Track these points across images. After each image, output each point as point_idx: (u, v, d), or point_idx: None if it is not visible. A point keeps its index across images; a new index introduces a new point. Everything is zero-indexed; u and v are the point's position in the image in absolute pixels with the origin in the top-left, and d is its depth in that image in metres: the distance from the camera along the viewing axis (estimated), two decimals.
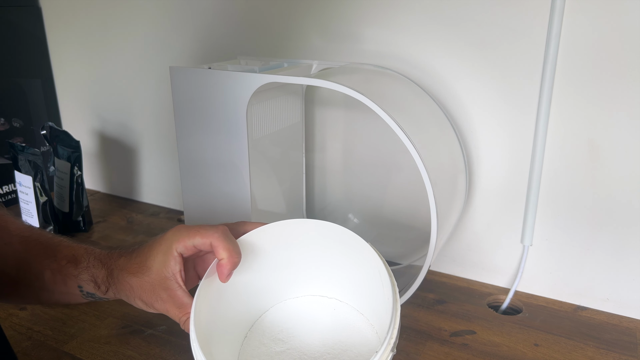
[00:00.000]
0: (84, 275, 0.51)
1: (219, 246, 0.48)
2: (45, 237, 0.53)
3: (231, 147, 0.68)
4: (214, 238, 0.48)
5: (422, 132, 0.69)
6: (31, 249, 0.51)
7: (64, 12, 1.09)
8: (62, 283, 0.51)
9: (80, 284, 0.51)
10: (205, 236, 0.48)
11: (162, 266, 0.49)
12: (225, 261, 0.48)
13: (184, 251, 0.49)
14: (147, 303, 0.50)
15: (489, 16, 0.70)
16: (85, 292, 0.51)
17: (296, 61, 0.79)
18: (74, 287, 0.51)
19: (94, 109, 1.13)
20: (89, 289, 0.51)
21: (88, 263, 0.51)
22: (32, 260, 0.50)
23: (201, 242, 0.48)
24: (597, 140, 0.68)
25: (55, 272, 0.51)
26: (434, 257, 0.65)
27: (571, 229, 0.73)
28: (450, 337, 0.68)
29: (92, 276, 0.51)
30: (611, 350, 0.65)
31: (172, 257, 0.49)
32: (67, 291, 0.51)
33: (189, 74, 0.69)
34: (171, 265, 0.49)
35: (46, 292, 0.51)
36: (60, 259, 0.51)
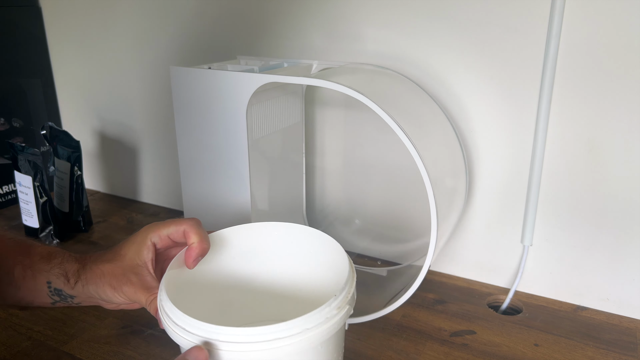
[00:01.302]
0: (55, 270, 0.51)
1: (191, 231, 0.51)
2: (20, 238, 0.54)
3: (231, 147, 0.68)
4: (187, 225, 0.51)
5: (422, 132, 0.69)
6: (4, 246, 0.51)
7: (63, 12, 1.09)
8: (31, 278, 0.51)
9: (49, 280, 0.51)
10: (179, 224, 0.52)
11: (136, 254, 0.51)
12: (195, 245, 0.51)
13: (158, 241, 0.52)
14: (116, 288, 0.50)
15: (489, 16, 0.70)
16: (52, 288, 0.51)
17: (296, 61, 0.79)
18: (42, 283, 0.51)
19: (94, 108, 1.13)
20: (58, 285, 0.51)
21: (62, 259, 0.52)
22: (5, 256, 0.50)
23: (175, 230, 0.52)
24: (597, 140, 0.68)
25: (26, 268, 0.51)
26: (434, 257, 0.65)
27: (571, 229, 0.73)
28: (450, 337, 0.68)
29: (64, 270, 0.51)
30: (611, 350, 0.65)
31: (145, 246, 0.52)
32: (34, 287, 0.51)
33: (189, 74, 0.69)
34: (144, 253, 0.51)
35: (13, 287, 0.51)
36: (34, 255, 0.51)
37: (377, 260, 0.88)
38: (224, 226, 0.74)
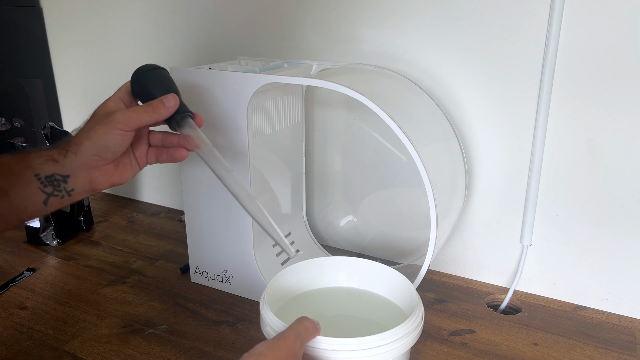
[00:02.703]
0: (37, 160, 0.50)
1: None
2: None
3: (231, 147, 0.69)
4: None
5: (421, 132, 0.69)
6: None
7: (64, 12, 1.09)
8: (18, 179, 0.49)
9: (37, 172, 0.50)
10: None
11: (105, 105, 0.56)
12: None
13: (123, 96, 0.57)
14: (110, 122, 0.52)
15: (489, 16, 0.70)
16: (43, 177, 0.50)
17: (296, 61, 0.79)
18: (30, 179, 0.49)
19: (94, 108, 1.13)
20: (47, 171, 0.50)
21: (39, 152, 0.51)
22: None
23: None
24: (597, 140, 0.69)
25: (7, 174, 0.49)
26: (433, 256, 0.65)
27: (570, 229, 0.74)
28: (450, 336, 0.68)
29: (47, 155, 0.51)
30: (610, 350, 0.65)
31: (111, 100, 0.56)
32: (24, 186, 0.49)
33: (189, 74, 0.69)
34: (112, 102, 0.56)
35: (2, 198, 0.49)
36: (9, 161, 0.50)
37: (377, 260, 0.88)
38: (224, 226, 0.75)
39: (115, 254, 0.90)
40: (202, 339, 0.67)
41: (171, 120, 0.55)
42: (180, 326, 0.70)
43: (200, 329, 0.69)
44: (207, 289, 0.79)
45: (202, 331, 0.69)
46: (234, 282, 0.77)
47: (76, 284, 0.81)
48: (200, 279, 0.80)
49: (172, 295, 0.77)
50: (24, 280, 0.82)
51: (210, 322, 0.71)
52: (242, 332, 0.69)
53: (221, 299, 0.76)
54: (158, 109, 0.53)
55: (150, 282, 0.81)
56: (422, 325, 0.52)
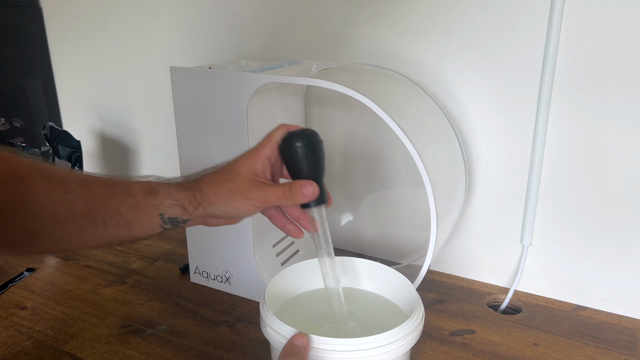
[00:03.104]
0: (166, 203, 0.51)
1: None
2: (104, 179, 0.52)
3: (231, 148, 0.69)
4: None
5: (421, 132, 0.69)
6: (97, 191, 0.50)
7: (64, 12, 1.09)
8: (142, 214, 0.50)
9: (162, 212, 0.51)
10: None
11: (251, 167, 0.52)
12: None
13: (272, 155, 0.53)
14: (250, 197, 0.51)
15: (489, 16, 0.70)
16: (166, 218, 0.51)
17: (296, 61, 0.79)
18: (154, 217, 0.51)
19: (94, 108, 1.14)
20: (172, 214, 0.51)
21: (169, 190, 0.51)
22: (104, 201, 0.49)
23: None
24: (597, 140, 0.69)
25: (133, 207, 0.50)
26: (433, 257, 0.65)
27: (570, 229, 0.74)
28: (450, 337, 0.68)
29: (177, 200, 0.51)
30: (610, 350, 0.65)
31: (259, 160, 0.52)
32: (147, 221, 0.51)
33: (189, 74, 0.69)
34: (258, 167, 0.52)
35: (124, 228, 0.50)
36: (136, 193, 0.50)
37: (377, 260, 0.88)
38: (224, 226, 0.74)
39: (115, 254, 0.90)
40: (202, 339, 0.67)
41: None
42: (180, 326, 0.70)
43: (200, 329, 0.69)
44: (207, 289, 0.79)
45: (202, 331, 0.69)
46: (233, 282, 0.77)
47: (76, 284, 0.81)
48: (200, 279, 0.80)
49: (172, 295, 0.77)
50: (23, 281, 0.82)
51: (210, 323, 0.71)
52: (242, 333, 0.69)
53: (221, 299, 0.76)
54: (296, 197, 0.52)
55: (150, 282, 0.81)
56: (422, 325, 0.52)
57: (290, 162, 0.52)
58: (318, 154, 0.53)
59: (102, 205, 0.49)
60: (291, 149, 0.51)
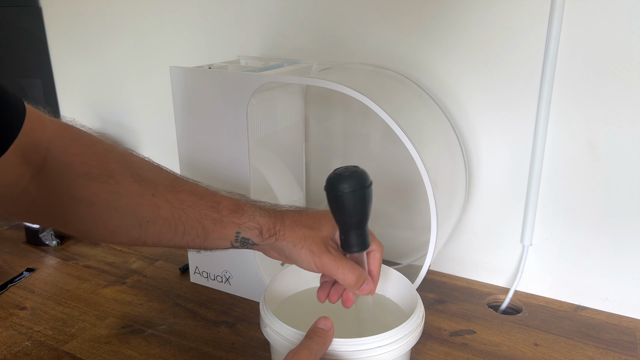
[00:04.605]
0: (248, 224, 0.51)
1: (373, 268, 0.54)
2: (192, 186, 0.53)
3: (231, 147, 0.69)
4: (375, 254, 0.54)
5: (421, 132, 0.69)
6: (185, 199, 0.50)
7: (64, 12, 1.09)
8: (221, 230, 0.51)
9: (239, 230, 0.51)
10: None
11: (332, 230, 0.52)
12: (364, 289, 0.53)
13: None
14: (315, 254, 0.51)
15: (489, 16, 0.70)
16: (240, 237, 0.52)
17: (296, 61, 0.79)
18: (231, 234, 0.51)
19: (94, 108, 1.13)
20: (247, 235, 0.52)
21: (253, 213, 0.52)
22: (190, 211, 0.50)
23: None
24: (597, 140, 0.68)
25: (216, 222, 0.51)
26: (434, 257, 0.65)
27: (571, 229, 0.73)
28: (450, 337, 0.68)
29: (258, 224, 0.51)
30: (611, 350, 0.65)
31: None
32: (223, 236, 0.51)
33: (189, 74, 0.69)
34: (336, 233, 0.52)
35: (199, 240, 0.51)
36: (223, 209, 0.51)
37: None
38: None
39: (114, 254, 0.90)
40: (202, 340, 0.67)
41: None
42: (180, 327, 0.70)
43: (199, 329, 0.69)
44: (207, 290, 0.79)
45: (202, 332, 0.69)
46: (233, 283, 0.77)
47: (75, 284, 0.81)
48: (200, 280, 0.80)
49: (171, 295, 0.77)
50: (23, 281, 0.82)
51: (209, 323, 0.71)
52: (241, 333, 0.68)
53: (221, 299, 0.76)
54: (356, 285, 0.51)
55: (149, 283, 0.81)
56: (422, 325, 0.51)
57: (335, 207, 0.48)
58: (366, 199, 0.48)
59: (187, 215, 0.50)
60: (337, 193, 0.46)
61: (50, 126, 0.47)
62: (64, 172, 0.46)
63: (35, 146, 0.45)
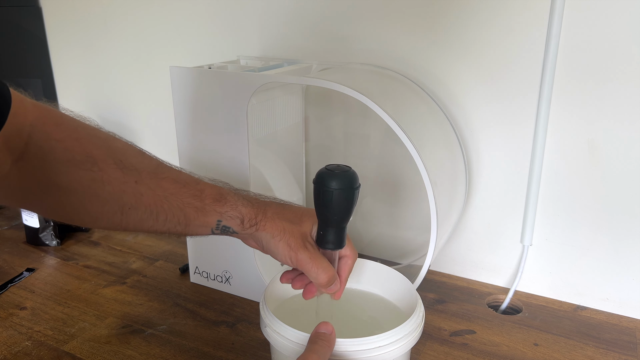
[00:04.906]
0: (230, 213, 0.52)
1: (343, 272, 0.55)
2: (175, 174, 0.53)
3: (231, 147, 0.69)
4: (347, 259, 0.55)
5: (422, 132, 0.69)
6: (168, 187, 0.50)
7: (64, 12, 1.09)
8: (203, 217, 0.51)
9: (221, 219, 0.52)
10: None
11: (311, 227, 0.53)
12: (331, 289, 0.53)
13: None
14: (292, 248, 0.51)
15: (489, 16, 0.70)
16: (221, 226, 0.52)
17: (296, 61, 0.79)
18: (212, 222, 0.52)
19: (94, 108, 1.13)
20: (228, 223, 0.52)
21: (236, 202, 0.52)
22: (173, 199, 0.50)
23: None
24: (597, 140, 0.68)
25: (198, 210, 0.51)
26: (433, 257, 0.65)
27: (571, 229, 0.73)
28: (450, 337, 0.68)
29: (240, 213, 0.52)
30: (611, 350, 0.65)
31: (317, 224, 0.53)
32: (204, 224, 0.52)
33: (189, 74, 0.69)
34: (314, 230, 0.53)
35: (181, 226, 0.51)
36: (205, 197, 0.51)
37: (377, 260, 0.88)
38: None
39: (114, 254, 0.90)
40: (202, 340, 0.67)
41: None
42: (180, 327, 0.70)
43: (199, 329, 0.69)
44: (207, 289, 0.79)
45: (202, 331, 0.69)
46: (233, 283, 0.77)
47: (75, 284, 0.81)
48: (200, 279, 0.80)
49: (171, 295, 0.77)
50: (23, 281, 0.82)
51: (209, 323, 0.71)
52: (241, 333, 0.68)
53: (221, 299, 0.76)
54: (326, 285, 0.52)
55: (149, 283, 0.81)
56: (422, 325, 0.51)
57: (320, 202, 0.49)
58: (352, 200, 0.49)
59: (169, 203, 0.50)
60: (325, 189, 0.48)
61: (32, 110, 0.45)
62: (47, 159, 0.45)
63: (17, 131, 0.43)
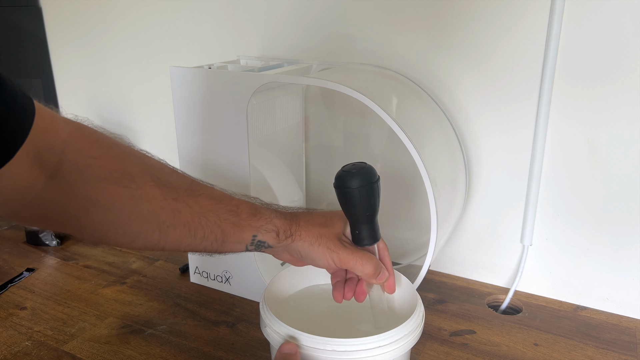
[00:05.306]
0: (265, 227, 0.52)
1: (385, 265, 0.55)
2: (210, 190, 0.53)
3: (231, 147, 0.69)
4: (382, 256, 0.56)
5: (422, 132, 0.69)
6: (205, 204, 0.50)
7: (64, 11, 1.09)
8: (239, 233, 0.51)
9: (256, 234, 0.52)
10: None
11: (343, 227, 0.54)
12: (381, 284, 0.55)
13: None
14: (333, 250, 0.52)
15: (489, 16, 0.70)
16: (256, 241, 0.52)
17: (296, 61, 0.79)
18: (248, 237, 0.52)
19: (94, 108, 1.13)
20: (264, 238, 0.52)
21: (270, 215, 0.52)
22: (210, 215, 0.50)
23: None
24: (597, 140, 0.68)
25: (235, 226, 0.51)
26: (433, 257, 0.65)
27: (571, 229, 0.73)
28: (450, 337, 0.68)
29: (275, 227, 0.52)
30: (611, 350, 0.65)
31: (348, 224, 0.54)
32: (240, 240, 0.52)
33: (189, 74, 0.69)
34: (347, 229, 0.54)
35: (217, 243, 0.51)
36: (241, 212, 0.51)
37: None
38: None
39: (114, 254, 0.90)
40: (202, 340, 0.67)
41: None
42: (180, 327, 0.70)
43: (199, 329, 0.69)
44: (207, 289, 0.79)
45: (202, 332, 0.69)
46: (233, 283, 0.77)
47: (75, 284, 0.81)
48: (199, 279, 0.80)
49: (171, 295, 0.77)
50: (23, 281, 0.82)
51: (209, 323, 0.71)
52: (241, 333, 0.68)
53: (221, 299, 0.76)
54: (374, 274, 0.52)
55: (149, 283, 0.81)
56: (422, 325, 0.51)
57: (346, 203, 0.51)
58: (375, 194, 0.51)
59: (207, 219, 0.50)
60: (347, 189, 0.49)
61: (64, 127, 0.45)
62: (83, 176, 0.44)
63: (50, 148, 0.42)
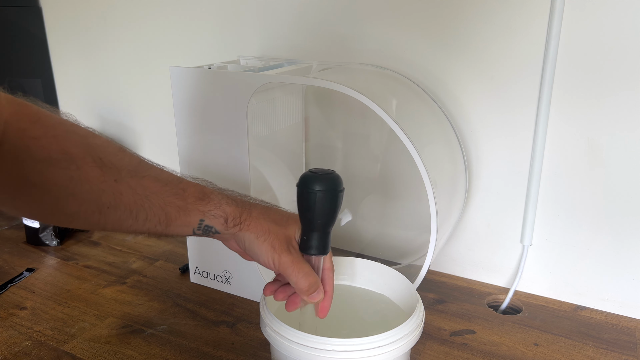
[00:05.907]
0: (213, 212, 0.50)
1: (326, 282, 0.53)
2: (157, 172, 0.51)
3: (231, 147, 0.69)
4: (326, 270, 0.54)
5: (422, 132, 0.69)
6: (149, 186, 0.49)
7: (64, 11, 1.09)
8: (185, 216, 0.50)
9: (203, 218, 0.50)
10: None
11: (296, 231, 0.52)
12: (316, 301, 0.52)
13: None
14: (276, 250, 0.50)
15: (489, 16, 0.70)
16: (203, 225, 0.51)
17: (296, 61, 0.79)
18: (194, 221, 0.51)
19: (94, 108, 1.14)
20: (211, 223, 0.51)
21: (220, 201, 0.51)
22: (154, 198, 0.49)
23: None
24: (597, 140, 0.68)
25: (180, 209, 0.50)
26: (433, 257, 0.65)
27: (571, 229, 0.73)
28: (450, 337, 0.68)
29: (224, 212, 0.51)
30: (611, 350, 0.65)
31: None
32: (186, 224, 0.50)
33: (189, 74, 0.69)
34: (299, 234, 0.52)
35: (162, 226, 0.50)
36: (188, 196, 0.50)
37: (377, 260, 0.88)
38: None
39: (114, 254, 0.90)
40: (202, 340, 0.67)
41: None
42: (180, 326, 0.70)
43: (199, 329, 0.69)
44: (207, 289, 0.79)
45: (202, 331, 0.69)
46: (233, 283, 0.77)
47: (75, 284, 0.81)
48: (200, 279, 0.80)
49: (171, 295, 0.77)
50: (23, 281, 0.82)
51: (209, 323, 0.71)
52: (241, 333, 0.68)
53: (221, 299, 0.76)
54: (307, 291, 0.50)
55: (149, 283, 0.81)
56: (422, 325, 0.52)
57: (303, 205, 0.49)
58: (336, 203, 0.48)
59: (150, 202, 0.48)
60: (308, 191, 0.47)
61: (6, 106, 0.43)
62: (21, 157, 0.43)
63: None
